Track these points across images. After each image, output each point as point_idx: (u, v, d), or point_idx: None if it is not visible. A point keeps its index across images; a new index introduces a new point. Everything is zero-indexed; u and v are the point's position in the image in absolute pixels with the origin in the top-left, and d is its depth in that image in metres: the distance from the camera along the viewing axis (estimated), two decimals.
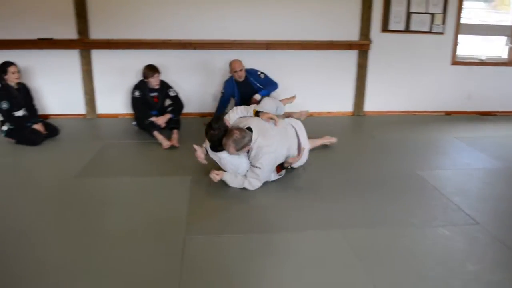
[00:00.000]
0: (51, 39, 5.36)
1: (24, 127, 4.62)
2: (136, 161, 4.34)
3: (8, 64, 4.60)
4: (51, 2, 5.30)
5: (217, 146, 3.57)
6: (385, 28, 5.70)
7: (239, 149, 3.46)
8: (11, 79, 4.61)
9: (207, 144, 3.69)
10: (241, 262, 2.60)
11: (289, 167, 3.74)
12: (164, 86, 4.99)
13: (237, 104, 5.10)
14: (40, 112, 5.12)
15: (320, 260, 2.64)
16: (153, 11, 5.43)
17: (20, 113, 4.68)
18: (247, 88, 5.11)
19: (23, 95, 4.75)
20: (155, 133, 4.66)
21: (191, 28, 5.49)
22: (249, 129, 3.56)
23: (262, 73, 5.17)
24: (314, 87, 5.88)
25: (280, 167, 3.68)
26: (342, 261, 2.62)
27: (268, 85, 5.13)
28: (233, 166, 3.61)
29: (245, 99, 5.03)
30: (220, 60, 5.31)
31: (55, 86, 5.60)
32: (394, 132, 5.30)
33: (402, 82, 5.98)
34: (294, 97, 5.04)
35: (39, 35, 5.36)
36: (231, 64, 5.03)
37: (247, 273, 2.50)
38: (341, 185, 3.71)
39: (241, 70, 5.00)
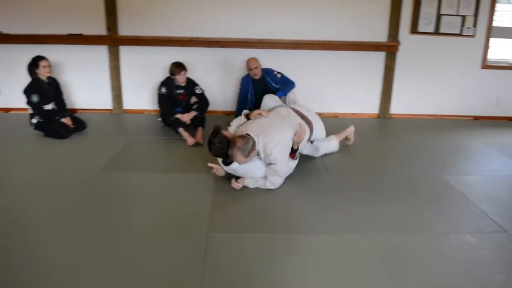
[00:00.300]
0: (81, 34, 5.46)
1: (52, 121, 4.71)
2: (160, 157, 4.38)
3: (39, 58, 4.70)
4: None
5: (226, 159, 3.56)
6: (414, 30, 5.61)
7: (247, 155, 3.43)
8: (42, 73, 4.70)
9: (219, 160, 3.69)
10: (263, 261, 2.60)
11: (299, 149, 3.80)
12: (190, 84, 5.03)
13: (251, 101, 5.16)
14: (68, 106, 5.20)
15: (344, 263, 2.61)
16: (181, 9, 5.48)
17: (49, 106, 4.78)
18: (262, 86, 5.13)
19: (53, 89, 4.85)
20: (180, 130, 4.70)
21: (219, 26, 5.51)
22: (248, 135, 3.55)
23: (278, 72, 5.19)
24: (340, 88, 5.84)
25: (292, 152, 3.69)
26: (366, 266, 2.59)
27: (284, 85, 5.13)
28: (249, 173, 3.61)
29: (260, 97, 4.96)
30: (247, 58, 5.31)
31: (84, 81, 5.70)
32: (421, 135, 5.21)
33: (430, 85, 5.88)
34: None
35: (69, 31, 5.46)
36: (247, 61, 5.10)
37: (269, 273, 2.50)
38: (366, 188, 3.67)
39: (256, 68, 5.04)
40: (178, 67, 4.86)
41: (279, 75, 5.17)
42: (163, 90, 4.89)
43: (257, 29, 5.52)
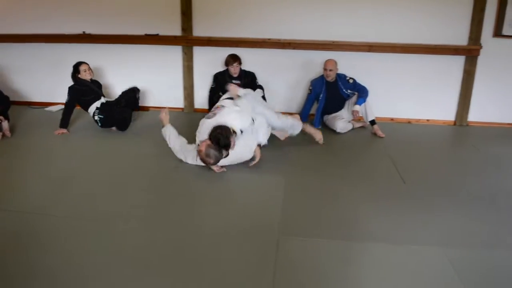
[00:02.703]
0: (157, 35, 5.62)
1: (112, 112, 4.94)
2: None
3: (79, 63, 4.95)
4: (159, 0, 5.56)
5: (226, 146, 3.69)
6: (498, 33, 5.27)
7: (212, 160, 3.69)
8: (83, 76, 4.93)
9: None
10: (335, 269, 2.54)
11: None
12: (249, 75, 5.30)
13: (321, 103, 5.20)
14: (141, 104, 5.54)
15: (420, 277, 2.49)
16: (253, 10, 5.50)
17: (102, 100, 5.01)
18: (334, 90, 5.16)
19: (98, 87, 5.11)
20: None
21: (291, 28, 5.47)
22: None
23: (351, 78, 5.17)
24: (415, 92, 5.61)
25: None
26: (444, 282, 2.45)
27: (357, 91, 5.14)
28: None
29: (330, 100, 5.16)
30: (319, 61, 5.24)
31: (158, 79, 5.87)
32: (502, 145, 4.88)
33: None
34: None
35: (146, 31, 5.65)
36: (325, 62, 5.08)
37: (342, 281, 2.43)
38: (443, 200, 3.47)
39: (331, 70, 5.04)
40: (232, 58, 5.17)
41: (351, 81, 5.15)
42: (213, 85, 5.30)
43: (330, 31, 5.42)
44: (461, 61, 5.45)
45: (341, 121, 5.13)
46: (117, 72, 5.89)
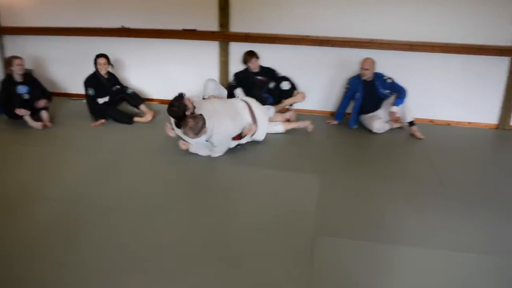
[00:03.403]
0: (195, 30, 5.62)
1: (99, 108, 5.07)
2: (266, 154, 4.36)
3: (98, 56, 5.05)
4: None
5: (179, 123, 4.05)
6: None
7: (197, 133, 3.88)
8: (99, 69, 5.03)
9: (172, 120, 4.23)
10: (371, 272, 2.50)
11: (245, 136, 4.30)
12: (269, 70, 5.27)
13: (357, 102, 5.11)
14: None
15: (456, 285, 2.40)
16: (292, 7, 5.42)
17: (105, 99, 5.10)
18: (371, 89, 5.04)
19: (111, 84, 5.17)
20: None
21: (330, 25, 5.37)
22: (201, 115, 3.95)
23: (389, 78, 5.02)
24: (455, 94, 5.43)
25: (239, 137, 4.23)
26: None
27: (395, 91, 5.01)
28: (194, 142, 4.08)
29: (367, 99, 5.07)
30: (357, 59, 5.13)
31: (194, 74, 5.85)
32: None
33: None
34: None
35: (183, 26, 5.66)
36: (363, 60, 4.99)
37: (376, 286, 2.37)
38: (484, 205, 3.36)
39: (367, 69, 4.95)
40: (249, 55, 5.21)
41: (389, 80, 5.02)
42: (233, 83, 5.33)
43: (370, 29, 5.30)
44: (505, 63, 5.24)
45: (378, 121, 5.02)
46: (153, 66, 5.94)
